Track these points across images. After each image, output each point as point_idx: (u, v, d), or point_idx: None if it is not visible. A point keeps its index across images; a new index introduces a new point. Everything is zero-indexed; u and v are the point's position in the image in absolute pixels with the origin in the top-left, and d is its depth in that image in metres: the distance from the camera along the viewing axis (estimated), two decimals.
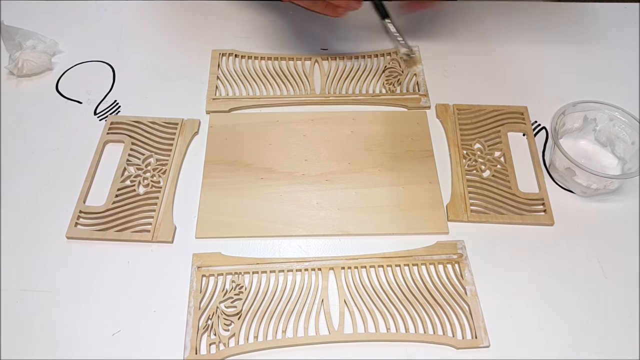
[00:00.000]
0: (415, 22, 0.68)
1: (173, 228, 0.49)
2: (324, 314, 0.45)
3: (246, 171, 0.53)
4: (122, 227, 0.49)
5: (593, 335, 0.44)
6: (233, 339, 0.43)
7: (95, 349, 0.43)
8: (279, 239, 0.49)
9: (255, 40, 0.66)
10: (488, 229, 0.50)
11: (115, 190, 0.51)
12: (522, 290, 0.46)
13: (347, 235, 0.49)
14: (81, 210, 0.50)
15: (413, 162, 0.54)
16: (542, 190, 0.52)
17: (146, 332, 0.44)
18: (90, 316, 0.45)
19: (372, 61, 0.63)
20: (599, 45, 0.66)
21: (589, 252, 0.49)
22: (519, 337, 0.44)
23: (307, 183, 0.53)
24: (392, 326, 0.44)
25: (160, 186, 0.52)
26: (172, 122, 0.57)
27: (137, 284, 0.46)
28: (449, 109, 0.59)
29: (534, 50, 0.66)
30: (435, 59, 0.64)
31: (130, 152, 0.54)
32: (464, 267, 0.47)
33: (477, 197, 0.52)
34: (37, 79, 0.62)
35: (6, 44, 0.60)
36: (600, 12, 0.71)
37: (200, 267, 0.47)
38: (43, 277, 0.47)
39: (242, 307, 0.45)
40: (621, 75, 0.63)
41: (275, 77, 0.62)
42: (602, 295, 0.46)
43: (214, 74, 0.61)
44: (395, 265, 0.47)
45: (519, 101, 0.60)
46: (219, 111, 0.58)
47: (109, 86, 0.61)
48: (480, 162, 0.54)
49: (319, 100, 0.60)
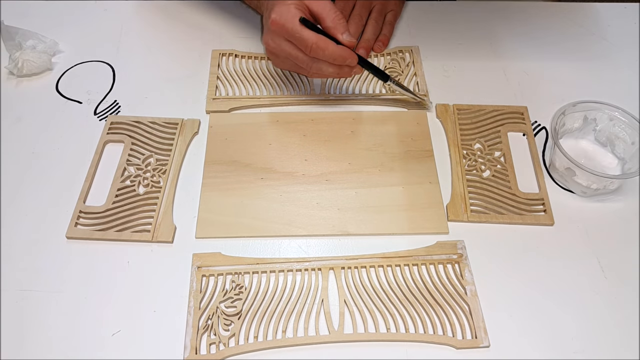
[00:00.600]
0: (415, 23, 0.68)
1: (173, 228, 0.49)
2: (324, 314, 0.45)
3: (246, 171, 0.53)
4: (122, 227, 0.49)
5: (593, 335, 0.44)
6: (233, 339, 0.43)
7: (95, 349, 0.43)
8: (279, 239, 0.49)
9: (255, 40, 0.66)
10: (488, 229, 0.50)
11: (115, 190, 0.51)
12: (522, 290, 0.46)
13: (347, 235, 0.49)
14: (81, 210, 0.50)
15: (413, 162, 0.54)
16: (542, 190, 0.52)
17: (146, 332, 0.44)
18: (90, 316, 0.45)
19: (372, 61, 0.63)
20: (599, 45, 0.67)
21: (589, 252, 0.49)
22: (519, 337, 0.44)
23: (307, 183, 0.53)
24: (392, 326, 0.44)
25: (160, 186, 0.52)
26: (172, 122, 0.57)
27: (137, 284, 0.46)
28: (449, 109, 0.59)
29: (534, 50, 0.66)
30: (435, 59, 0.64)
31: (130, 152, 0.54)
32: (464, 267, 0.47)
33: (477, 197, 0.52)
34: (37, 79, 0.62)
35: (6, 44, 0.60)
36: (600, 12, 0.71)
37: (200, 267, 0.47)
38: (43, 277, 0.47)
39: (242, 307, 0.45)
40: (621, 75, 0.63)
41: (275, 77, 0.62)
42: (602, 295, 0.46)
43: (214, 74, 0.61)
44: (395, 265, 0.47)
45: (519, 101, 0.60)
46: (219, 111, 0.58)
47: (109, 86, 0.61)
48: (480, 162, 0.54)
49: (319, 100, 0.60)
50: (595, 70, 0.64)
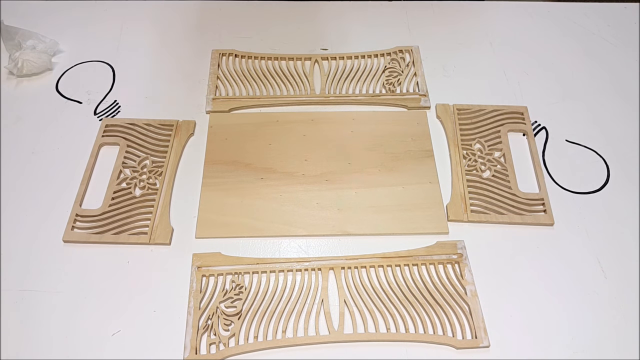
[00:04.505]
0: (415, 23, 0.68)
1: (170, 230, 0.49)
2: (324, 314, 0.45)
3: (246, 171, 0.53)
4: (119, 230, 0.49)
5: (593, 335, 0.44)
6: (233, 339, 0.43)
7: (96, 349, 0.43)
8: (279, 239, 0.49)
9: (255, 40, 0.66)
10: (488, 229, 0.50)
11: (111, 193, 0.51)
12: (522, 290, 0.46)
13: (347, 235, 0.49)
14: (77, 214, 0.50)
15: (413, 162, 0.54)
16: (542, 190, 0.52)
17: (146, 332, 0.44)
18: (90, 316, 0.45)
19: (372, 61, 0.63)
20: (599, 45, 0.66)
21: (589, 252, 0.49)
22: (519, 337, 0.44)
23: (307, 183, 0.53)
24: (392, 326, 0.44)
25: (156, 188, 0.52)
26: (167, 123, 0.57)
27: (137, 284, 0.46)
28: (449, 109, 0.59)
29: (534, 50, 0.66)
30: (435, 59, 0.64)
31: (126, 154, 0.54)
32: (464, 267, 0.47)
33: (477, 197, 0.52)
34: (37, 79, 0.62)
35: (6, 44, 0.60)
36: (600, 12, 0.71)
37: (200, 267, 0.47)
38: (43, 277, 0.47)
39: (242, 307, 0.45)
40: (621, 75, 0.63)
41: (275, 77, 0.62)
42: (602, 295, 0.46)
43: (214, 74, 0.61)
44: (395, 265, 0.47)
45: (519, 101, 0.60)
46: (219, 111, 0.58)
47: (109, 86, 0.61)
48: (480, 162, 0.54)
49: (319, 100, 0.59)
50: (596, 70, 0.64)
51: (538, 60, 0.65)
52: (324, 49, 0.65)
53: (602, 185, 0.53)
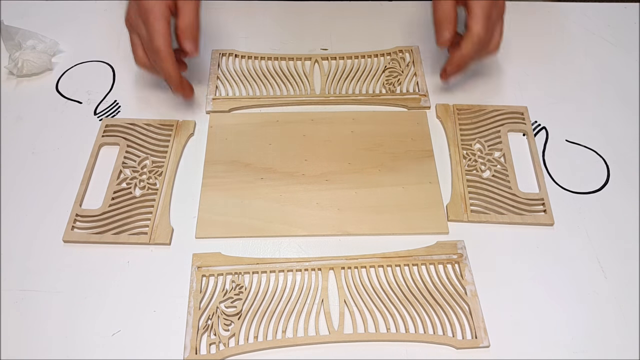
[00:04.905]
0: (415, 23, 0.68)
1: (170, 230, 0.49)
2: (324, 314, 0.45)
3: (246, 171, 0.53)
4: (119, 230, 0.49)
5: (593, 335, 0.44)
6: (233, 339, 0.43)
7: (95, 349, 0.43)
8: (279, 239, 0.49)
9: (255, 40, 0.66)
10: (488, 229, 0.50)
11: (111, 193, 0.51)
12: (522, 290, 0.46)
13: (347, 235, 0.49)
14: (77, 214, 0.50)
15: (413, 162, 0.54)
16: (542, 190, 0.52)
17: (146, 332, 0.44)
18: (90, 316, 0.45)
19: (372, 61, 0.63)
20: (599, 45, 0.66)
21: (589, 252, 0.49)
22: (519, 337, 0.44)
23: (307, 183, 0.53)
24: (392, 326, 0.44)
25: (156, 188, 0.52)
26: (167, 123, 0.57)
27: (137, 284, 0.46)
28: (449, 109, 0.59)
29: (534, 50, 0.66)
30: (435, 59, 0.64)
31: (126, 154, 0.54)
32: (464, 267, 0.47)
33: (477, 197, 0.52)
34: (37, 79, 0.62)
35: (6, 44, 0.60)
36: (600, 12, 0.71)
37: (200, 267, 0.47)
38: (43, 277, 0.47)
39: (242, 307, 0.45)
40: (621, 75, 0.63)
41: (275, 77, 0.62)
42: (602, 295, 0.46)
43: (214, 74, 0.61)
44: (395, 265, 0.47)
45: (519, 101, 0.60)
46: (219, 111, 0.58)
47: (109, 86, 0.61)
48: (480, 162, 0.54)
49: (319, 100, 0.59)
50: (596, 70, 0.64)
51: (538, 60, 0.65)
52: (324, 49, 0.65)
53: (602, 185, 0.53)
